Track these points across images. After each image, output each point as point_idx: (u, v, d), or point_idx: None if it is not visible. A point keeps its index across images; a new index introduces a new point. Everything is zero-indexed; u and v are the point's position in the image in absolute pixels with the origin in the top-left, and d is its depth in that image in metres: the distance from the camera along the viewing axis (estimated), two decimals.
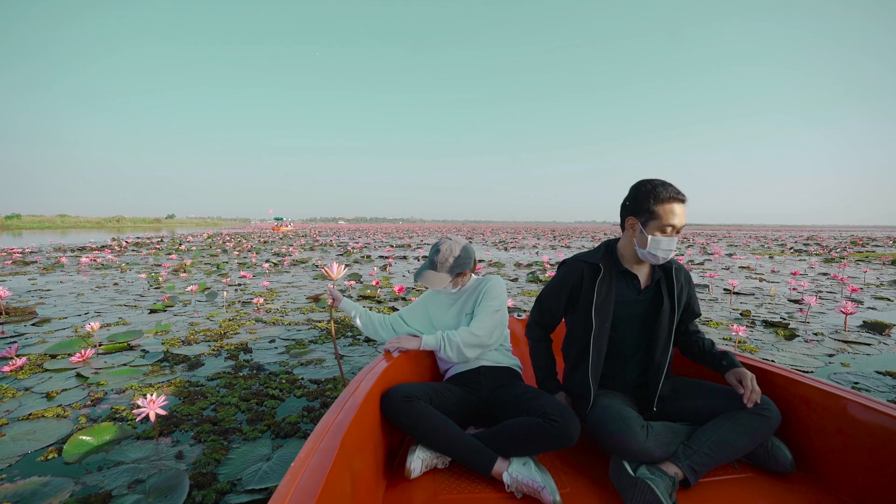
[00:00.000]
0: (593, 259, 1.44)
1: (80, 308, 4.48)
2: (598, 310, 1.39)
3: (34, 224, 52.37)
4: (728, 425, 1.24)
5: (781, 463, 1.23)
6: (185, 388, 2.33)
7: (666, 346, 1.39)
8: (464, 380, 1.56)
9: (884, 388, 2.45)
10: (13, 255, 10.20)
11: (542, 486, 1.12)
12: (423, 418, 1.25)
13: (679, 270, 1.45)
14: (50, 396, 2.23)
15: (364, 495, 1.05)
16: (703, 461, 1.19)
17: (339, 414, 1.04)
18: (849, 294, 5.56)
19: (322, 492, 0.76)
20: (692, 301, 1.50)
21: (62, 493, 1.42)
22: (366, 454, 1.12)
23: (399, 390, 1.30)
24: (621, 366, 1.44)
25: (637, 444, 1.17)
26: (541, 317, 1.55)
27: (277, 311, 4.44)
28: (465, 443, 1.25)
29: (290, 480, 0.77)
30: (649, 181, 1.33)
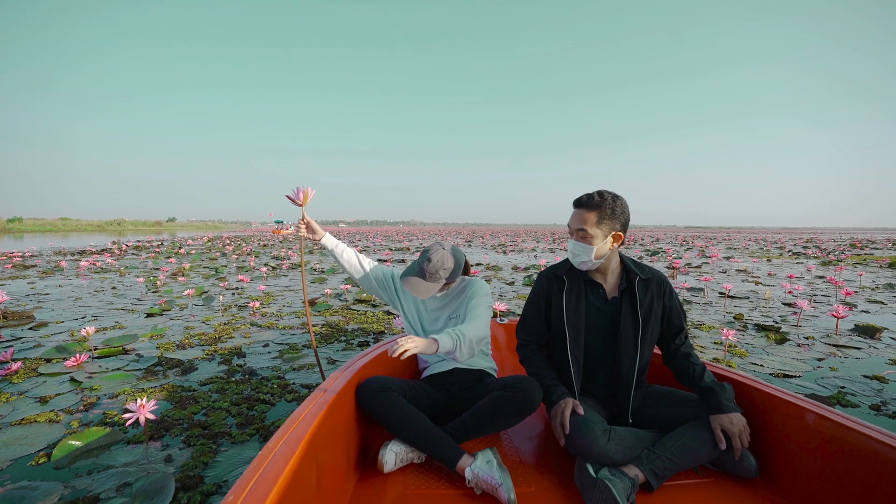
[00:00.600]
0: (559, 271, 1.47)
1: (78, 312, 4.51)
2: (569, 319, 1.42)
3: (35, 227, 52.53)
4: (693, 432, 1.27)
5: (746, 469, 1.26)
6: (177, 392, 2.36)
7: (633, 358, 1.39)
8: (439, 380, 1.59)
9: (869, 392, 2.47)
10: (13, 258, 10.24)
11: (500, 483, 1.16)
12: (396, 408, 1.29)
13: (649, 282, 1.43)
14: (44, 401, 2.26)
15: (332, 487, 1.09)
16: (666, 465, 1.22)
17: (310, 407, 1.08)
18: (843, 298, 5.58)
19: (283, 482, 0.79)
20: (671, 314, 1.46)
21: (51, 497, 1.44)
22: (336, 447, 1.16)
23: (374, 381, 1.34)
24: (590, 374, 1.46)
25: (598, 447, 1.20)
26: (527, 333, 1.56)
27: (273, 314, 4.47)
28: (434, 436, 1.29)
29: (254, 469, 0.80)
30: None
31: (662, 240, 27.63)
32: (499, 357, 1.96)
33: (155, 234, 38.29)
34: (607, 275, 1.44)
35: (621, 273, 1.46)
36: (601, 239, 1.33)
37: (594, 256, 1.34)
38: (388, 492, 1.21)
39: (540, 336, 1.53)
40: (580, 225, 1.34)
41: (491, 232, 48.69)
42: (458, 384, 1.56)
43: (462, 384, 1.56)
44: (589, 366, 1.45)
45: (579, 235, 1.34)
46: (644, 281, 1.42)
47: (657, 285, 1.44)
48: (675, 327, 1.47)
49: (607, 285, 1.44)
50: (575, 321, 1.41)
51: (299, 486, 0.87)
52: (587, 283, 1.45)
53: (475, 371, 1.59)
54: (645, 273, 1.44)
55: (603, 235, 1.34)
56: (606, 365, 1.45)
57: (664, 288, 1.46)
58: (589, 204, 1.33)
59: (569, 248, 1.40)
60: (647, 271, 1.45)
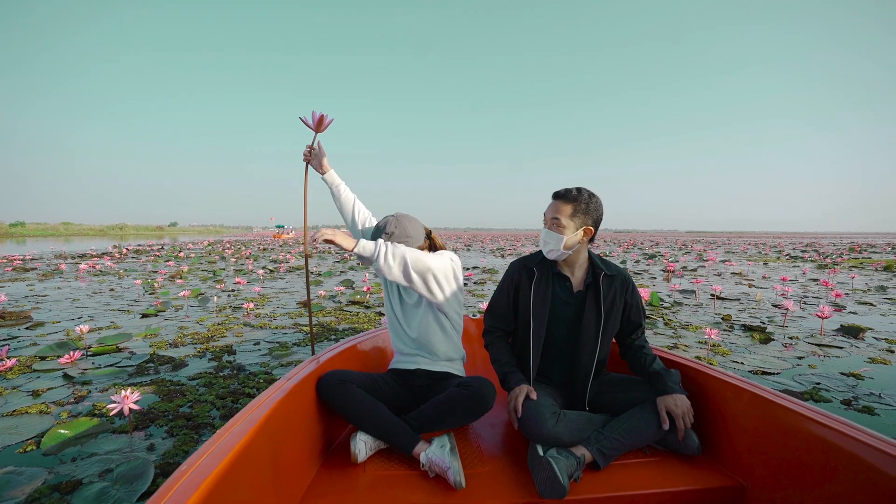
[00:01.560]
0: (531, 262, 1.53)
1: (75, 313, 4.58)
2: (535, 310, 1.48)
3: (38, 232, 52.83)
4: (640, 414, 1.34)
5: (689, 447, 1.32)
6: (165, 387, 2.42)
7: (592, 350, 1.45)
8: (402, 376, 1.59)
9: (843, 388, 2.51)
10: (14, 262, 10.34)
11: (449, 466, 1.21)
12: (354, 400, 1.34)
13: (613, 278, 1.49)
14: (36, 395, 2.32)
15: (292, 469, 1.15)
16: (613, 445, 1.28)
17: (272, 394, 1.14)
18: (833, 299, 5.62)
19: (233, 459, 0.84)
20: (631, 311, 1.52)
21: (35, 481, 1.51)
22: (297, 432, 1.22)
23: (335, 374, 1.38)
24: (551, 362, 1.52)
25: (547, 429, 1.26)
26: (494, 319, 1.62)
27: (266, 315, 4.53)
28: (392, 425, 1.34)
29: (209, 445, 0.86)
30: None
31: (662, 244, 27.65)
32: (471, 350, 2.02)
33: (157, 238, 38.49)
34: (575, 269, 1.51)
35: (588, 268, 1.52)
36: (572, 231, 1.40)
37: (563, 246, 1.41)
38: (350, 475, 1.27)
39: (506, 323, 1.59)
40: (555, 214, 1.41)
41: (491, 237, 48.76)
42: (421, 385, 1.56)
43: (424, 386, 1.56)
44: (550, 354, 1.51)
45: (552, 224, 1.41)
46: (609, 277, 1.49)
47: (621, 282, 1.51)
48: (634, 324, 1.55)
49: (574, 279, 1.51)
50: (540, 311, 1.47)
51: (251, 465, 0.93)
52: (555, 276, 1.51)
53: (439, 373, 1.58)
54: (610, 270, 1.50)
55: (575, 228, 1.40)
56: (567, 354, 1.50)
57: (627, 285, 1.52)
58: (566, 196, 1.41)
59: (541, 237, 1.47)
60: (612, 268, 1.51)
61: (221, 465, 0.81)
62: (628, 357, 1.55)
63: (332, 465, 1.32)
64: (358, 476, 1.26)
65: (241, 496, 0.88)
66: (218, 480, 0.79)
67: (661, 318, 4.44)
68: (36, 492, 1.45)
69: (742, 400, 1.29)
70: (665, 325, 4.19)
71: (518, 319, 1.55)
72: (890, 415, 2.14)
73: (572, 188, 1.43)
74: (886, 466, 0.91)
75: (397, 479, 1.25)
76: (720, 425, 1.35)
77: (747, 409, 1.27)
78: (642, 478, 1.25)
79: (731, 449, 1.31)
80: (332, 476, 1.26)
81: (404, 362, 1.61)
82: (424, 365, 1.57)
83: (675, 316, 4.62)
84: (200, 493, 0.73)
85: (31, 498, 1.42)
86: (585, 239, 1.45)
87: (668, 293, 6.30)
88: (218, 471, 0.80)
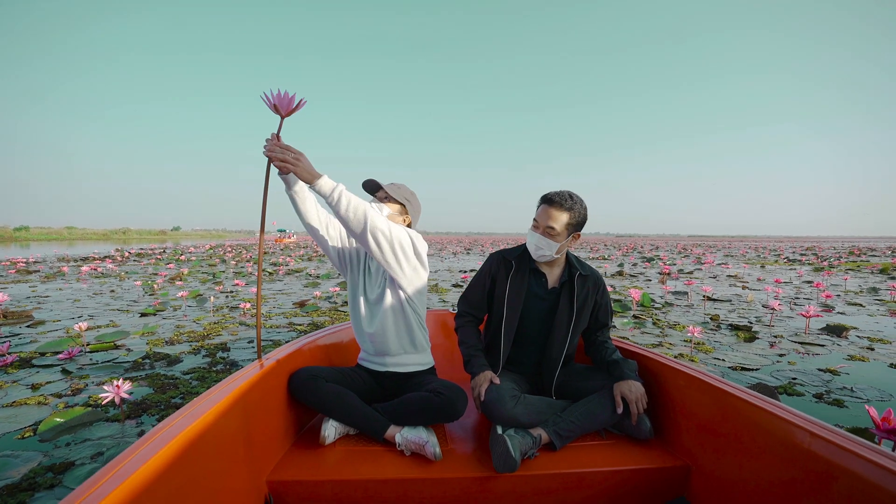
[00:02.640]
0: (510, 255, 1.61)
1: (75, 312, 4.68)
2: (509, 301, 1.55)
3: (42, 236, 53.22)
4: (597, 400, 1.42)
5: (642, 431, 1.40)
6: (160, 380, 2.50)
7: (562, 344, 1.53)
8: (371, 373, 1.61)
9: (818, 382, 2.58)
10: (17, 264, 10.48)
11: (426, 441, 1.29)
12: (323, 393, 1.39)
13: (586, 278, 1.56)
14: (35, 387, 2.41)
15: (262, 447, 1.23)
16: (570, 428, 1.36)
17: (241, 375, 1.22)
18: (823, 300, 5.67)
19: (198, 434, 0.92)
20: (600, 310, 1.60)
21: (30, 463, 1.59)
22: (270, 414, 1.31)
23: (305, 370, 1.44)
24: (521, 352, 1.60)
25: (506, 410, 1.33)
26: (468, 305, 1.69)
27: (262, 315, 4.61)
28: (363, 413, 1.40)
29: (176, 416, 0.95)
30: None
31: (662, 248, 27.66)
32: (447, 347, 2.09)
33: (159, 242, 38.71)
34: (553, 267, 1.58)
35: (565, 267, 1.60)
36: (564, 237, 1.47)
37: (556, 252, 1.49)
38: (321, 453, 1.35)
39: (479, 311, 1.66)
40: (551, 223, 1.44)
41: (492, 241, 48.82)
42: (389, 384, 1.59)
43: (393, 386, 1.59)
44: (521, 344, 1.58)
45: (547, 232, 1.45)
46: (583, 277, 1.56)
47: (593, 282, 1.59)
48: (600, 323, 1.63)
49: (551, 276, 1.58)
50: (514, 303, 1.55)
51: (219, 436, 1.01)
52: (532, 272, 1.59)
53: (408, 374, 1.59)
54: (585, 270, 1.58)
55: (567, 234, 1.47)
56: (537, 346, 1.58)
57: (599, 286, 1.60)
58: (562, 205, 1.44)
59: (532, 240, 1.50)
60: (586, 268, 1.59)
61: (191, 428, 0.89)
62: (591, 352, 1.63)
63: (304, 445, 1.39)
64: (328, 454, 1.34)
65: (207, 464, 0.96)
66: (186, 445, 0.87)
67: (651, 318, 4.51)
68: (31, 472, 1.54)
69: (693, 388, 1.37)
70: (653, 324, 4.25)
71: (492, 309, 1.63)
72: (858, 407, 2.21)
73: (565, 194, 1.45)
74: (811, 444, 0.98)
75: (370, 455, 1.33)
76: (672, 411, 1.43)
77: (697, 396, 1.35)
78: (595, 458, 1.33)
79: (679, 432, 1.39)
80: (303, 453, 1.34)
81: (371, 363, 1.61)
82: (392, 367, 1.57)
83: (664, 316, 4.69)
84: (166, 453, 0.81)
85: (26, 477, 1.51)
86: (573, 243, 1.53)
87: (660, 294, 6.37)
88: (188, 433, 0.88)
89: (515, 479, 1.23)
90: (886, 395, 2.40)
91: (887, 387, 2.52)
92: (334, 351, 1.86)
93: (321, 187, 1.25)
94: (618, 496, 1.28)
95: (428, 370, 1.63)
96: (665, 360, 1.53)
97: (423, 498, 1.23)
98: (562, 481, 1.26)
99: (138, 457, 0.79)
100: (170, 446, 0.84)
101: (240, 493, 1.08)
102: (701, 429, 1.31)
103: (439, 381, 1.48)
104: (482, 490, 1.24)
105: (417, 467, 1.27)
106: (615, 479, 1.28)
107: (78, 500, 0.66)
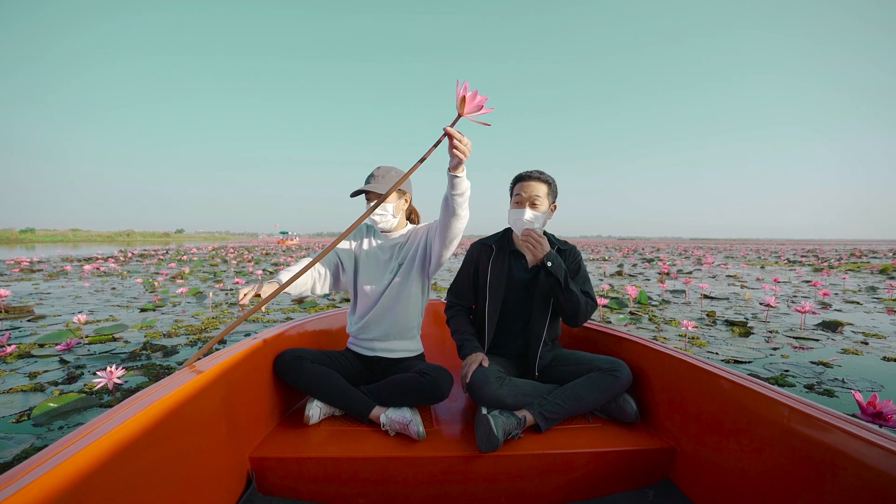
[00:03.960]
0: (489, 241, 1.64)
1: (76, 308, 4.73)
2: (491, 284, 1.58)
3: (47, 238, 53.60)
4: (583, 383, 1.42)
5: (628, 414, 1.42)
6: (154, 370, 2.54)
7: (542, 318, 1.55)
8: (359, 357, 1.63)
9: (810, 374, 2.58)
10: (21, 263, 10.57)
11: (410, 420, 1.31)
12: (308, 374, 1.41)
13: (564, 252, 1.60)
14: (32, 376, 2.44)
15: (246, 425, 1.25)
16: (555, 410, 1.37)
17: (226, 351, 1.25)
18: (821, 298, 5.66)
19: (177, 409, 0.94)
20: (575, 276, 1.59)
21: (23, 444, 1.63)
22: (254, 393, 1.33)
23: (290, 352, 1.45)
24: (506, 334, 1.62)
25: (490, 391, 1.35)
26: (455, 296, 1.72)
27: (261, 311, 4.65)
28: (348, 393, 1.42)
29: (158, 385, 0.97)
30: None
31: (663, 250, 27.61)
32: (439, 334, 2.11)
33: (163, 244, 38.90)
34: None
35: None
36: (546, 208, 1.52)
37: (542, 224, 1.53)
38: (305, 432, 1.37)
39: (466, 300, 1.69)
40: (536, 192, 1.50)
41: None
42: (377, 369, 1.62)
43: (381, 370, 1.61)
44: (505, 326, 1.61)
45: (533, 202, 1.49)
46: (561, 251, 1.61)
47: (570, 254, 1.63)
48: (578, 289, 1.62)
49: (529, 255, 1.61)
50: (496, 286, 1.58)
51: (195, 414, 1.02)
52: (512, 253, 1.62)
53: (397, 360, 1.61)
54: (563, 245, 1.62)
55: (547, 205, 1.53)
56: (521, 325, 1.60)
57: (576, 257, 1.64)
58: (541, 178, 1.52)
59: (517, 216, 1.50)
60: (563, 244, 1.63)
61: (169, 397, 0.92)
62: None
63: (289, 425, 1.41)
64: (313, 433, 1.36)
65: (187, 437, 0.98)
66: (165, 414, 0.89)
67: (647, 315, 4.52)
68: (23, 452, 1.57)
69: (678, 370, 1.38)
70: (649, 320, 4.26)
71: (478, 296, 1.65)
72: (848, 396, 2.22)
73: (539, 171, 1.53)
74: (795, 422, 0.98)
75: (355, 434, 1.35)
76: (658, 394, 1.44)
77: (683, 379, 1.36)
78: (580, 440, 1.34)
79: (665, 415, 1.40)
80: (288, 432, 1.36)
81: (361, 347, 1.63)
82: (381, 352, 1.60)
83: (661, 313, 4.69)
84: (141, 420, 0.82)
85: (18, 457, 1.54)
86: (551, 215, 1.57)
87: (658, 293, 6.37)
88: (166, 402, 0.90)
89: (499, 458, 1.24)
90: (878, 385, 2.40)
91: (879, 378, 2.52)
92: (323, 335, 1.88)
93: (464, 177, 1.25)
94: (602, 477, 1.29)
95: (417, 356, 1.66)
96: (651, 343, 1.54)
97: (406, 476, 1.24)
98: (546, 462, 1.26)
99: (116, 419, 0.80)
100: (145, 413, 0.85)
101: (220, 468, 1.10)
102: (686, 411, 1.31)
103: (426, 364, 1.50)
104: (465, 469, 1.24)
105: (401, 446, 1.28)
106: (600, 461, 1.28)
107: (47, 457, 0.67)
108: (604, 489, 1.28)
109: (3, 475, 0.63)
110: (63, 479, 0.65)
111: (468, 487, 1.24)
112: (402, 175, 1.48)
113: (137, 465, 0.80)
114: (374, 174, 1.54)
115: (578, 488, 1.27)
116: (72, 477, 0.67)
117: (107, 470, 0.73)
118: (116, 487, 0.75)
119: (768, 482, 1.01)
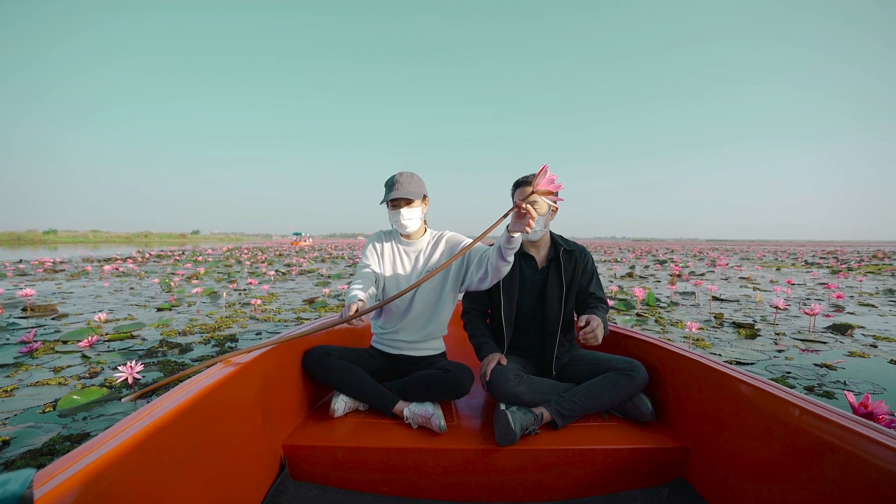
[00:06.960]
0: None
1: (97, 307, 4.91)
2: (505, 288, 1.64)
3: (69, 239, 55.22)
4: (599, 382, 1.46)
5: (643, 413, 1.45)
6: (170, 365, 2.66)
7: (556, 317, 1.60)
8: (384, 354, 1.70)
9: (812, 376, 2.58)
10: (45, 264, 10.96)
11: (432, 413, 1.37)
12: (335, 370, 1.49)
13: (572, 253, 1.66)
14: (56, 370, 2.58)
15: (279, 415, 1.34)
16: (572, 408, 1.41)
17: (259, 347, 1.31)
18: (834, 301, 5.57)
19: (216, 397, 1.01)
20: (584, 277, 1.67)
21: (51, 433, 1.74)
22: (286, 387, 1.42)
23: (318, 349, 1.54)
24: (522, 335, 1.67)
25: (508, 388, 1.41)
26: (471, 302, 1.78)
27: (272, 311, 4.78)
28: (372, 388, 1.49)
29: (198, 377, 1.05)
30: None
31: (677, 251, 27.24)
32: (460, 333, 2.17)
33: (179, 245, 39.74)
34: (540, 248, 1.67)
35: (550, 246, 1.69)
36: (546, 210, 1.58)
37: (544, 226, 1.58)
38: (332, 423, 1.44)
39: (482, 304, 1.74)
40: (535, 196, 1.51)
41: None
42: (402, 366, 1.67)
43: (405, 368, 1.66)
44: (521, 327, 1.66)
45: (534, 206, 1.51)
46: (568, 252, 1.65)
47: (580, 255, 1.67)
48: (586, 291, 1.68)
49: (539, 257, 1.67)
50: (509, 289, 1.63)
51: (233, 402, 1.11)
52: (521, 256, 1.68)
53: (422, 357, 1.67)
54: (570, 246, 1.67)
55: (547, 208, 1.58)
56: (536, 326, 1.65)
57: (586, 257, 1.69)
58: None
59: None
60: (570, 244, 1.68)
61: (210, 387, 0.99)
62: (579, 310, 1.68)
63: (317, 417, 1.49)
64: (339, 425, 1.43)
65: (225, 424, 1.06)
66: (205, 401, 0.96)
67: (654, 316, 4.52)
68: (51, 440, 1.68)
69: (693, 371, 1.41)
70: (655, 322, 4.26)
71: (492, 299, 1.71)
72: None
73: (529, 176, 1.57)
74: (808, 422, 0.99)
75: (379, 426, 1.42)
76: (673, 394, 1.47)
77: (697, 380, 1.38)
78: (595, 437, 1.38)
79: (680, 415, 1.42)
80: (316, 423, 1.44)
81: (385, 345, 1.69)
82: (407, 350, 1.66)
83: (668, 315, 4.69)
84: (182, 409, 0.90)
85: (47, 444, 1.65)
86: (553, 216, 1.63)
87: (667, 295, 6.33)
88: (207, 391, 0.98)
89: (516, 452, 1.28)
90: (880, 388, 2.39)
91: (883, 381, 2.51)
92: (348, 333, 1.96)
93: (519, 237, 1.31)
94: (617, 474, 1.31)
95: (440, 354, 1.72)
96: (666, 344, 1.58)
97: (427, 466, 1.30)
98: (562, 457, 1.30)
99: (162, 408, 0.88)
100: (188, 402, 0.92)
101: (256, 454, 1.18)
102: (701, 411, 1.34)
103: (448, 361, 1.58)
104: (484, 462, 1.29)
105: (423, 438, 1.34)
106: (614, 458, 1.31)
107: (99, 443, 0.73)
108: (618, 485, 1.31)
109: (65, 456, 0.70)
110: (112, 462, 0.72)
111: (486, 478, 1.30)
112: (421, 181, 1.59)
113: (181, 450, 0.88)
114: (399, 180, 1.55)
115: (593, 484, 1.31)
116: (120, 460, 0.73)
117: (153, 453, 0.80)
118: (162, 470, 0.82)
119: (781, 483, 1.03)
